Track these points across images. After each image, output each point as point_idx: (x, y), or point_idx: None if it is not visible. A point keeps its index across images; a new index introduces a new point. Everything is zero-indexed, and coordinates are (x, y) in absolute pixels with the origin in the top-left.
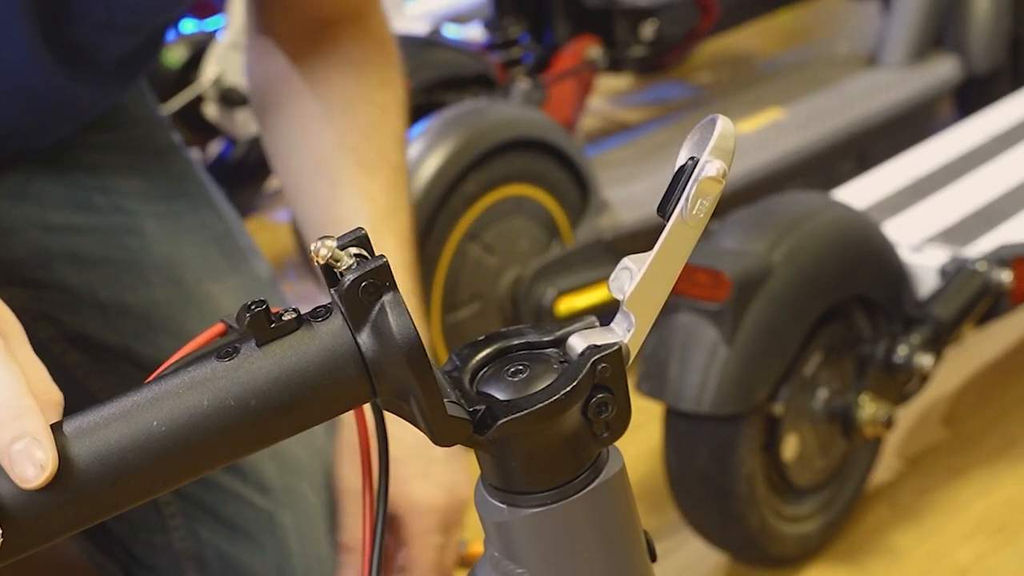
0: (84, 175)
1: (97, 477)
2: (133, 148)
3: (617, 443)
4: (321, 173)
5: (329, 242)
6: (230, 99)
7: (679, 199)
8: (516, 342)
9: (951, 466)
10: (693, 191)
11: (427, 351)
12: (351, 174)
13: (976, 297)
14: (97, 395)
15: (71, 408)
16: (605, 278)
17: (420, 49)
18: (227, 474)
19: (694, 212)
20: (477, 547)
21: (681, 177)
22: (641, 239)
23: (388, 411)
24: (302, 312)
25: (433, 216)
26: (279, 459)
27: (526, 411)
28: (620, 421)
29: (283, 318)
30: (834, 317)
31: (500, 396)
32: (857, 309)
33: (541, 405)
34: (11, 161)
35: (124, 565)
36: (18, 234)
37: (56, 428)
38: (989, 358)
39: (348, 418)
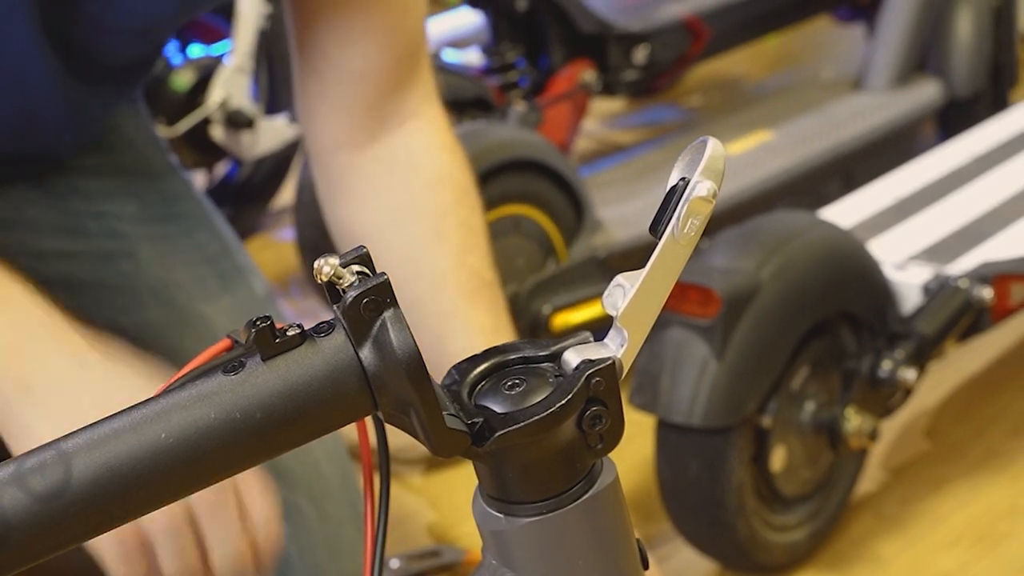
0: (78, 200)
1: (107, 487)
2: (128, 171)
3: (611, 454)
4: (426, 308)
5: (332, 260)
6: (236, 121)
7: (671, 218)
8: (512, 357)
9: (934, 477)
10: (684, 210)
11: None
12: (456, 306)
13: (958, 313)
14: None
15: None
16: (599, 295)
17: None
18: None
19: (685, 231)
20: (476, 555)
21: (672, 197)
22: (634, 257)
23: (389, 423)
24: (306, 328)
25: None
26: (276, 473)
27: (523, 423)
28: (614, 433)
29: (287, 334)
30: (820, 333)
31: (497, 409)
32: (843, 325)
33: (537, 417)
34: (5, 184)
35: None
36: (11, 261)
37: (68, 439)
38: (971, 373)
39: None
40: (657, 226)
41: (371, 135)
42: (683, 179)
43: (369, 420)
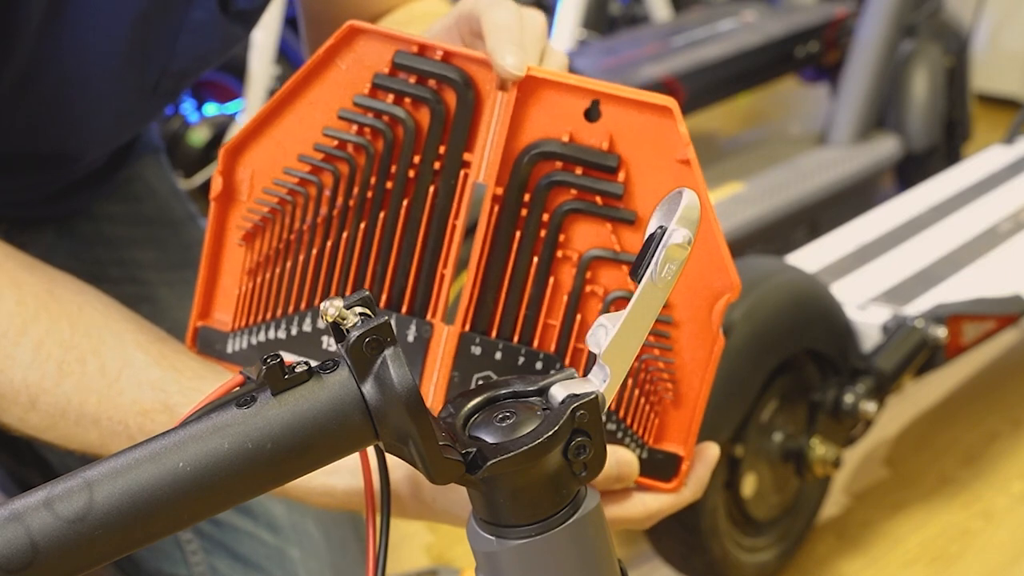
0: (102, 248)
1: (129, 512)
2: (149, 220)
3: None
4: None
5: (336, 302)
6: None
7: (649, 263)
8: (503, 391)
9: (892, 501)
10: (662, 256)
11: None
12: None
13: (915, 351)
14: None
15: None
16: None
17: None
18: (240, 515)
19: (663, 275)
20: (469, 574)
21: (651, 244)
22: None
23: (389, 452)
24: (312, 365)
25: None
26: (287, 500)
27: (513, 452)
28: (597, 462)
29: (296, 370)
30: (788, 369)
31: (489, 439)
32: (808, 361)
33: (526, 447)
34: (35, 230)
35: None
36: None
37: (94, 468)
38: (926, 406)
39: None
40: (637, 270)
41: None
42: (661, 227)
43: (371, 449)
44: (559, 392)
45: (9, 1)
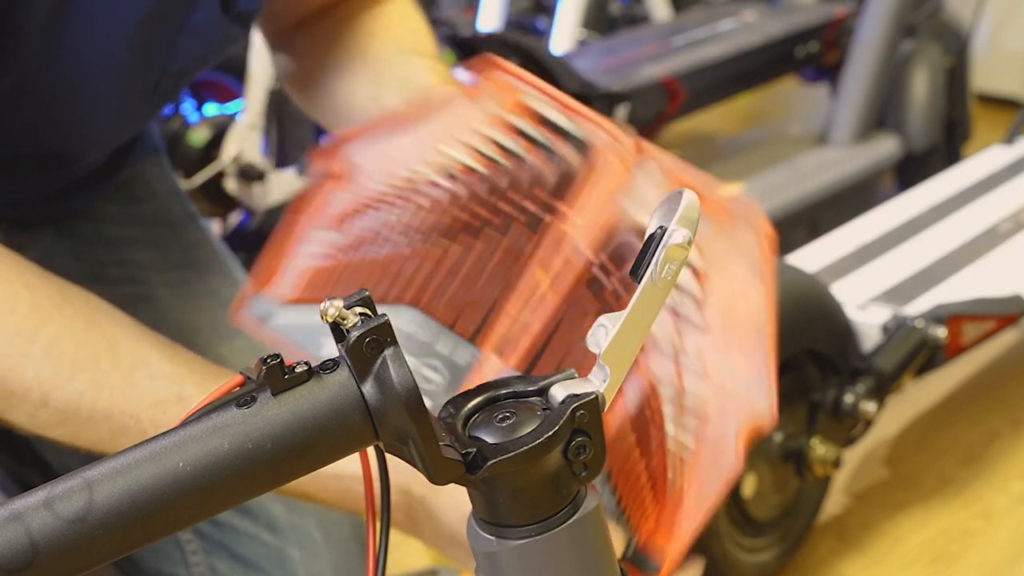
0: (101, 248)
1: (129, 512)
2: (149, 220)
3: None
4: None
5: (336, 302)
6: (248, 174)
7: (649, 263)
8: (503, 391)
9: (892, 502)
10: (661, 256)
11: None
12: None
13: (915, 351)
14: None
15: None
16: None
17: None
18: (240, 516)
19: (662, 275)
20: (469, 575)
21: (651, 244)
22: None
23: (389, 453)
24: (312, 365)
25: None
26: (286, 500)
27: (513, 452)
28: (597, 462)
29: (296, 370)
30: (788, 368)
31: (489, 439)
32: (808, 361)
33: (526, 447)
34: (35, 231)
35: None
36: None
37: (94, 468)
38: (926, 406)
39: None
40: (637, 270)
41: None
42: (661, 227)
43: (371, 450)
44: (559, 392)
45: (11, 1)
